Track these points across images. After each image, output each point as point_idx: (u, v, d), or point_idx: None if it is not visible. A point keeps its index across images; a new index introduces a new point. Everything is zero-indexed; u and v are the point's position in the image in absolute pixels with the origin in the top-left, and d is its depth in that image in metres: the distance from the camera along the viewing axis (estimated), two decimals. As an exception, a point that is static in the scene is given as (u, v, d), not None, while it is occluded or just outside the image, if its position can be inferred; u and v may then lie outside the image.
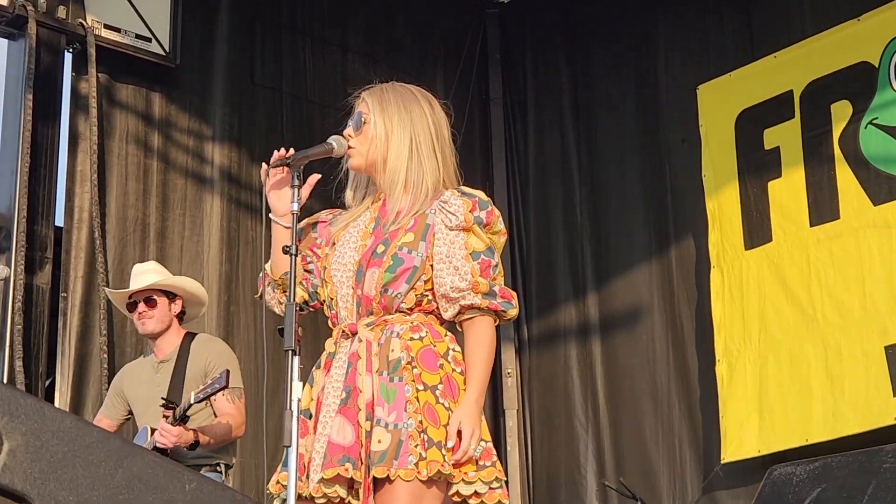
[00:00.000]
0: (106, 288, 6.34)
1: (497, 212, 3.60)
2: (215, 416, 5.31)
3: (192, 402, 5.07)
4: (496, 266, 3.53)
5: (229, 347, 5.61)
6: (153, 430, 5.18)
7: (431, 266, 3.49)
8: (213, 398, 5.21)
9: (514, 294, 3.58)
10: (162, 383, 5.44)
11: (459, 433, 3.31)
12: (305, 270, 3.68)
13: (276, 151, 3.55)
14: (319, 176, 3.63)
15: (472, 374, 3.47)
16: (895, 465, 2.03)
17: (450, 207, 3.50)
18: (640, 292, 7.90)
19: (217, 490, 2.00)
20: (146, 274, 5.60)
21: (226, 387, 4.99)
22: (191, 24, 7.27)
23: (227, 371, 5.09)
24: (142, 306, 5.49)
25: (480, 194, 3.59)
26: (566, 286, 8.29)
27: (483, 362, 3.49)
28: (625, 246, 8.05)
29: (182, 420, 5.10)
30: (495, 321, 3.55)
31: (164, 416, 5.16)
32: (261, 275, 3.71)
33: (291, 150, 3.55)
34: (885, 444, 4.75)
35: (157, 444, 5.08)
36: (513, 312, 3.56)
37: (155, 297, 5.52)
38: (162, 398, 5.25)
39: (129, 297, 5.54)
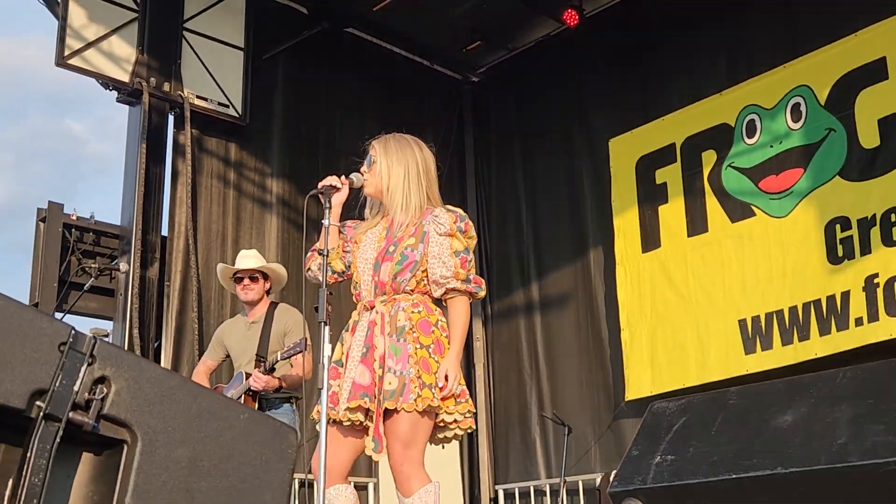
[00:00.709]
0: (221, 264, 6.12)
1: (471, 223, 3.66)
2: (291, 365, 5.20)
3: (278, 359, 5.05)
4: (471, 261, 3.59)
5: (301, 315, 5.46)
6: (247, 375, 5.16)
7: (427, 260, 3.55)
8: (290, 357, 5.13)
9: (483, 281, 3.66)
10: (252, 338, 5.37)
11: (446, 377, 3.40)
12: (343, 251, 3.73)
13: (319, 182, 3.63)
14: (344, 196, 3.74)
15: (453, 337, 3.53)
16: (737, 402, 2.08)
17: (440, 220, 3.57)
18: (568, 283, 7.91)
19: (263, 419, 1.95)
20: (250, 258, 5.53)
21: (303, 351, 4.93)
22: (256, 96, 7.31)
23: (305, 339, 4.91)
24: (246, 280, 5.41)
25: (460, 211, 3.65)
26: (517, 278, 8.29)
27: (461, 328, 3.56)
28: (557, 251, 8.04)
29: (270, 371, 5.09)
30: (470, 300, 3.62)
31: (256, 367, 5.16)
32: (308, 255, 3.68)
33: (331, 179, 3.68)
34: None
35: (252, 387, 5.11)
36: (481, 294, 3.64)
37: (257, 275, 5.46)
38: (257, 354, 5.26)
39: (236, 273, 5.46)
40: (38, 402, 1.59)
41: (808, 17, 6.69)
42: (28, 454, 1.57)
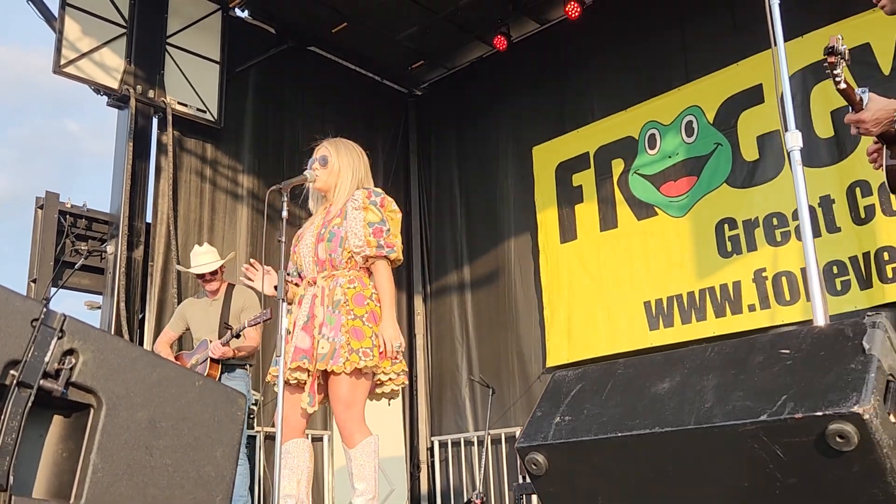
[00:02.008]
0: (179, 266, 6.31)
1: (389, 199, 3.63)
2: (245, 337, 5.22)
3: (245, 325, 5.09)
4: (388, 230, 3.55)
5: (253, 293, 5.53)
6: (210, 341, 5.21)
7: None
8: (257, 324, 5.13)
9: (397, 244, 3.59)
10: (213, 315, 5.40)
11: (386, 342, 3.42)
12: (295, 263, 3.75)
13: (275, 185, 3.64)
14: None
15: (382, 301, 3.52)
16: (624, 371, 2.07)
17: (355, 197, 3.59)
18: (495, 267, 7.92)
19: (215, 386, 1.95)
20: (206, 255, 5.53)
21: (270, 319, 4.90)
22: (230, 103, 7.26)
23: (270, 309, 4.96)
24: (208, 276, 5.45)
25: (376, 189, 3.65)
26: (451, 262, 8.30)
27: (387, 293, 3.54)
28: (487, 240, 8.03)
29: (236, 336, 5.11)
30: (389, 264, 3.59)
31: (219, 336, 5.19)
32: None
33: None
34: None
35: (211, 355, 5.13)
36: (394, 255, 3.58)
37: (211, 276, 5.47)
38: (225, 323, 5.29)
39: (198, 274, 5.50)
40: (12, 372, 1.56)
41: (699, 48, 6.76)
42: (2, 417, 1.54)
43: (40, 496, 1.61)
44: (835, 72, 2.77)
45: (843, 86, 2.80)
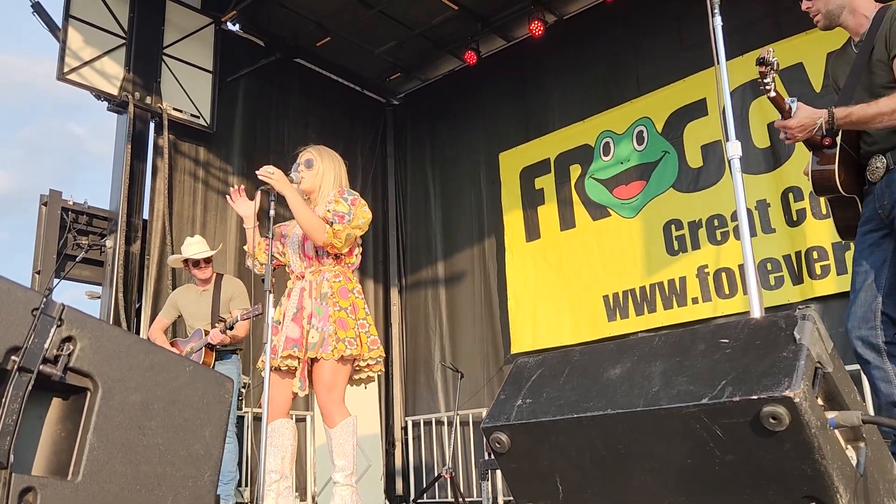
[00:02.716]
0: (172, 256, 6.25)
1: (362, 201, 3.57)
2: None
3: (238, 319, 5.03)
4: (349, 222, 3.46)
5: (241, 283, 5.51)
6: (206, 332, 5.14)
7: None
8: (233, 314, 5.13)
9: (345, 237, 3.45)
10: (204, 303, 5.34)
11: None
12: (281, 253, 3.74)
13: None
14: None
15: (293, 201, 3.44)
16: (580, 358, 2.07)
17: (329, 196, 3.58)
18: (466, 263, 7.91)
19: (204, 371, 1.92)
20: (197, 245, 5.45)
21: (260, 314, 4.83)
22: (222, 109, 7.17)
23: (261, 304, 4.89)
24: (202, 264, 5.37)
25: (352, 191, 3.60)
26: (426, 258, 8.27)
27: (303, 210, 3.44)
28: (458, 238, 8.03)
29: (230, 328, 5.05)
30: (327, 229, 3.42)
31: (215, 325, 5.13)
32: (247, 254, 3.70)
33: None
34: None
35: (210, 342, 5.08)
36: (338, 244, 3.46)
37: (201, 264, 5.40)
38: (220, 317, 5.23)
39: (187, 261, 5.41)
40: (13, 357, 1.53)
41: (650, 65, 6.80)
42: (4, 399, 1.50)
43: (39, 473, 1.58)
44: (765, 80, 2.79)
45: (773, 94, 2.82)
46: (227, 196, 3.78)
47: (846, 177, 2.98)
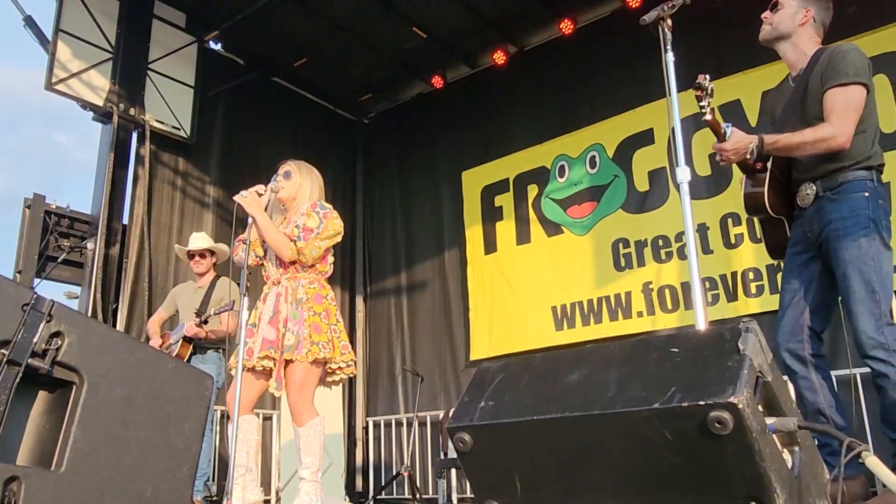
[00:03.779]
0: (177, 245, 6.07)
1: (334, 213, 3.58)
2: (220, 322, 5.14)
3: (211, 313, 4.99)
4: (317, 235, 3.46)
5: (236, 285, 5.48)
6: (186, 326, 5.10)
7: None
8: (221, 313, 5.08)
9: (314, 251, 3.46)
10: (197, 300, 5.28)
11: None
12: (261, 243, 3.68)
13: (243, 191, 3.57)
14: (265, 201, 3.63)
15: (260, 220, 3.45)
16: (540, 364, 2.06)
17: (302, 209, 3.57)
18: (428, 274, 7.88)
19: (186, 368, 1.88)
20: (201, 239, 5.46)
21: (230, 309, 4.88)
22: (201, 122, 7.08)
23: (234, 301, 4.94)
24: (197, 257, 5.37)
25: (325, 204, 3.59)
26: (390, 269, 8.22)
27: (269, 227, 3.46)
28: (421, 250, 8.00)
29: (204, 322, 5.01)
30: (291, 246, 3.44)
31: (193, 320, 5.08)
32: (234, 245, 3.62)
33: (258, 188, 3.59)
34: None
35: (185, 334, 5.02)
36: (304, 259, 3.48)
37: (206, 253, 5.39)
38: (195, 310, 5.17)
39: (190, 251, 5.40)
40: (2, 350, 1.49)
41: (603, 96, 6.87)
42: (-8, 391, 1.45)
43: (24, 463, 1.53)
44: (701, 104, 2.83)
45: (708, 117, 2.87)
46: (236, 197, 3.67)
47: (775, 199, 3.05)
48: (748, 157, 2.94)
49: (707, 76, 2.79)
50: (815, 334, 2.96)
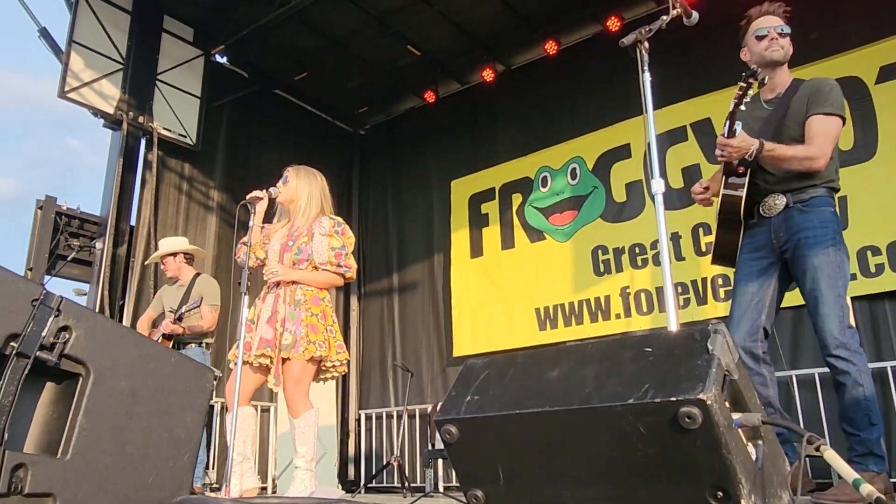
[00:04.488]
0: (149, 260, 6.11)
1: (348, 228, 3.63)
2: (201, 317, 5.10)
3: (182, 311, 4.97)
4: (346, 254, 3.54)
5: (216, 282, 5.40)
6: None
7: (314, 252, 3.51)
8: (201, 308, 5.03)
9: (353, 265, 3.57)
10: (177, 298, 5.25)
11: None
12: (264, 244, 3.66)
13: (248, 195, 3.58)
14: (265, 205, 3.65)
15: (303, 274, 3.48)
16: (523, 361, 2.05)
17: (322, 224, 3.55)
18: (418, 275, 7.85)
19: (188, 361, 1.88)
20: (162, 246, 5.46)
21: (198, 307, 4.84)
22: (207, 131, 7.05)
23: (202, 297, 4.96)
24: (162, 263, 5.42)
25: (339, 219, 3.63)
26: (383, 270, 8.18)
27: (316, 276, 3.50)
28: (412, 253, 7.97)
29: (179, 319, 4.97)
30: (341, 279, 3.55)
31: (169, 318, 5.04)
32: (237, 247, 3.61)
33: (256, 193, 3.60)
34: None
35: (162, 331, 4.98)
36: (350, 274, 3.56)
37: (167, 259, 5.37)
38: (170, 307, 5.14)
39: (158, 260, 5.43)
40: (12, 343, 1.46)
41: (584, 111, 6.88)
42: (1, 382, 1.43)
43: (31, 451, 1.51)
44: (745, 95, 2.79)
45: (742, 108, 2.85)
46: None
47: (744, 206, 3.08)
48: (747, 157, 2.96)
49: (761, 71, 2.79)
50: (766, 333, 3.03)
